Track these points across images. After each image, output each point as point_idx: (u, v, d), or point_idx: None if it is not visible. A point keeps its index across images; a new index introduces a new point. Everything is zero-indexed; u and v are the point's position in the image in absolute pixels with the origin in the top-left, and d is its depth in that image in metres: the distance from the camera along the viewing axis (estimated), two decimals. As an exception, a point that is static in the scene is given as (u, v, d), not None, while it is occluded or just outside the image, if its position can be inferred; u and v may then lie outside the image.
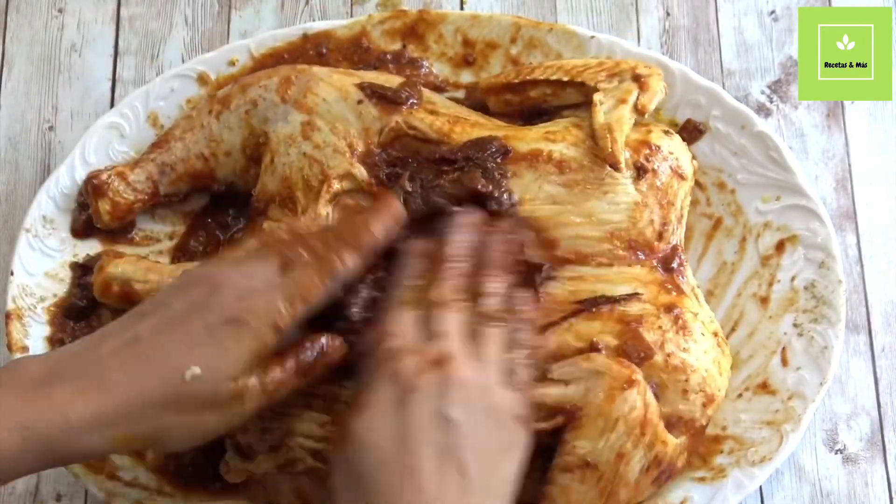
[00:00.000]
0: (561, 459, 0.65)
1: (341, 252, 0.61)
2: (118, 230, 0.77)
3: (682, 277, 0.70)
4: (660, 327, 0.66)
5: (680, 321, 0.67)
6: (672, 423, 0.66)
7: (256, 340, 0.57)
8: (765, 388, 0.71)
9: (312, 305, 0.59)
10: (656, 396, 0.65)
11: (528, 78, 0.73)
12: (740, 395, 0.72)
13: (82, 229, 0.77)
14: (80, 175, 0.76)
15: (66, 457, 0.55)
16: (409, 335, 0.59)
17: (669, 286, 0.69)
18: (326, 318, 0.62)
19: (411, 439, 0.55)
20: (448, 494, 0.54)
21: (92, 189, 0.75)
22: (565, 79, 0.72)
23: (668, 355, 0.66)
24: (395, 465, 0.55)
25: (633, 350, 0.66)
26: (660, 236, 0.69)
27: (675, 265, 0.70)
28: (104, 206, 0.75)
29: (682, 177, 0.70)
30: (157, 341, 0.56)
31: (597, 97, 0.71)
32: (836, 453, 0.74)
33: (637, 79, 0.71)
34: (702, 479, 0.69)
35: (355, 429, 0.56)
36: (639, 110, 0.70)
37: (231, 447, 0.69)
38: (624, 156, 0.68)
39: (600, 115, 0.70)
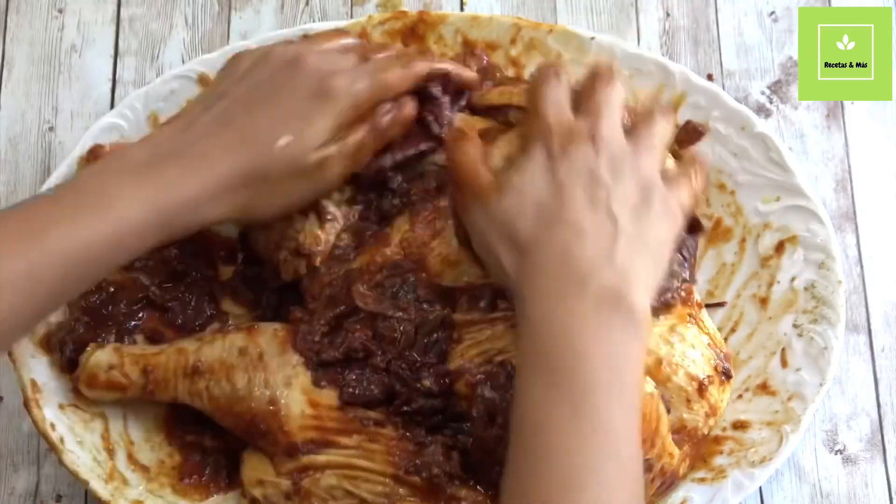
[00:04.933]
0: None
1: (416, 58, 0.69)
2: None
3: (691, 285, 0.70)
4: (667, 339, 0.66)
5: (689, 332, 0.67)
6: (675, 432, 0.66)
7: (340, 114, 0.64)
8: (765, 388, 0.71)
9: (391, 93, 0.67)
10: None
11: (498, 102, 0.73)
12: (740, 396, 0.72)
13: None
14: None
15: (183, 229, 0.62)
16: (566, 110, 0.62)
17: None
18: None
19: (565, 188, 0.58)
20: (600, 233, 0.57)
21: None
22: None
23: (676, 366, 0.66)
24: (551, 210, 0.58)
25: None
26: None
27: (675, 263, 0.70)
28: None
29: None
30: (250, 117, 0.63)
31: None
32: (836, 454, 0.74)
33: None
34: (702, 480, 0.69)
35: (510, 179, 0.60)
36: None
37: None
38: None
39: None
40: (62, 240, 0.58)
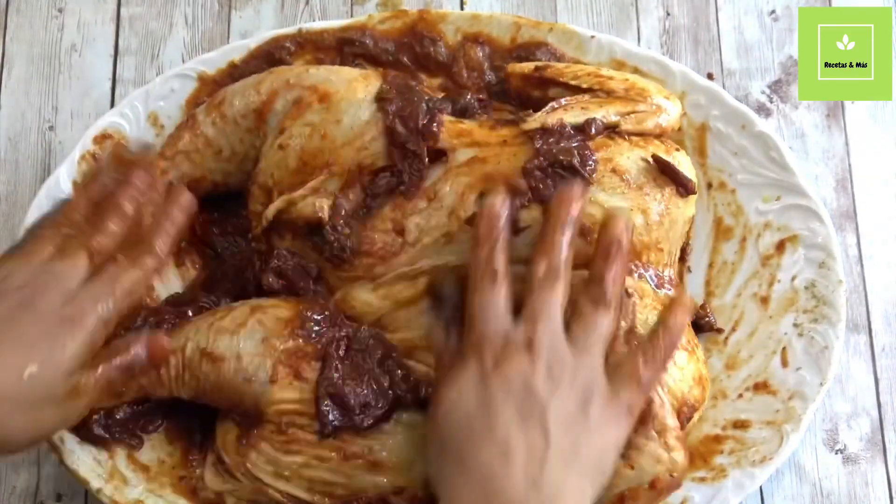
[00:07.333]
0: None
1: (146, 250, 0.63)
2: None
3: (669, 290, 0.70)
4: None
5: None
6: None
7: (89, 336, 0.59)
8: (765, 388, 0.71)
9: (134, 299, 0.62)
10: None
11: (546, 75, 0.73)
12: (740, 395, 0.72)
13: None
14: (80, 176, 0.76)
15: None
16: (502, 319, 0.61)
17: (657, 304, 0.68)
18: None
19: (495, 405, 0.58)
20: (530, 452, 0.56)
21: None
22: (584, 86, 0.72)
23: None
24: (479, 428, 0.57)
25: None
26: (657, 249, 0.69)
27: (666, 281, 0.69)
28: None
29: (682, 196, 0.70)
30: None
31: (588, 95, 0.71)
32: (836, 453, 0.74)
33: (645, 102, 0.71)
34: (702, 480, 0.69)
35: (445, 393, 0.60)
36: (612, 120, 0.69)
37: None
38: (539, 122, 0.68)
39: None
40: None
